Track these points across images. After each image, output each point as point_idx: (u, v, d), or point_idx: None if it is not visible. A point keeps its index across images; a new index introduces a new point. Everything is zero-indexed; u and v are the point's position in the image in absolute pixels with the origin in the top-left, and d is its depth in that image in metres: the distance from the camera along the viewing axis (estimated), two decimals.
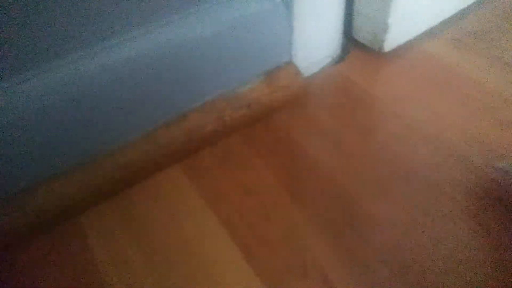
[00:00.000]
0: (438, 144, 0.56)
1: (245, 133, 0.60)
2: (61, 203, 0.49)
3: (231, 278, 0.45)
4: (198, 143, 0.57)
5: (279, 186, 0.53)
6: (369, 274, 0.44)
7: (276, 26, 0.58)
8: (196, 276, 0.45)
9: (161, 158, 0.55)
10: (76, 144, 0.49)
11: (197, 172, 0.56)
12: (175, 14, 0.49)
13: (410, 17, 0.68)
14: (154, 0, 0.46)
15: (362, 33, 0.70)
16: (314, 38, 0.65)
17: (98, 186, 0.51)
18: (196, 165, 0.57)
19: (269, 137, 0.60)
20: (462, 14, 0.76)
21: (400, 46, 0.71)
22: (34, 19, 0.40)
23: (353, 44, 0.72)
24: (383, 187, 0.52)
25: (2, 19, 0.38)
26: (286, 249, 0.47)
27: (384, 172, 0.54)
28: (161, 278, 0.45)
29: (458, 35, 0.73)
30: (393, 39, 0.68)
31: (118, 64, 0.47)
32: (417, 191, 0.51)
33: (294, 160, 0.56)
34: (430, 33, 0.74)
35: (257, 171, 0.55)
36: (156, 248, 0.48)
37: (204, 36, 0.52)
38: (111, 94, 0.48)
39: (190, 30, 0.50)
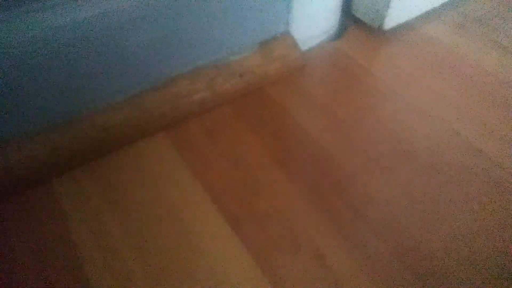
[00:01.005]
0: (437, 124, 0.54)
1: (237, 103, 0.57)
2: (32, 165, 0.45)
3: (217, 248, 0.41)
4: (185, 110, 0.54)
5: (270, 159, 0.50)
6: (363, 249, 0.41)
7: None
8: (180, 245, 0.42)
9: (145, 123, 0.51)
10: (52, 102, 0.45)
11: (183, 141, 0.52)
12: None
13: None
14: None
15: (362, 10, 0.67)
16: (312, 11, 0.62)
17: (74, 148, 0.47)
18: (183, 134, 0.53)
19: (262, 109, 0.56)
20: None
21: (400, 25, 0.69)
22: None
23: (351, 21, 0.70)
24: (380, 164, 0.50)
25: None
26: (276, 223, 0.44)
27: (381, 150, 0.51)
28: (140, 247, 0.42)
29: (459, 19, 0.71)
30: (394, 17, 0.66)
31: (103, 17, 0.43)
32: (415, 170, 0.49)
33: (287, 134, 0.53)
34: (431, 15, 0.71)
35: (247, 143, 0.52)
36: (136, 216, 0.44)
37: None
38: (94, 50, 0.44)
39: None
